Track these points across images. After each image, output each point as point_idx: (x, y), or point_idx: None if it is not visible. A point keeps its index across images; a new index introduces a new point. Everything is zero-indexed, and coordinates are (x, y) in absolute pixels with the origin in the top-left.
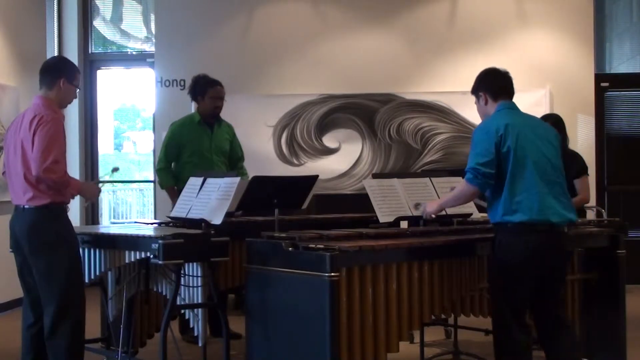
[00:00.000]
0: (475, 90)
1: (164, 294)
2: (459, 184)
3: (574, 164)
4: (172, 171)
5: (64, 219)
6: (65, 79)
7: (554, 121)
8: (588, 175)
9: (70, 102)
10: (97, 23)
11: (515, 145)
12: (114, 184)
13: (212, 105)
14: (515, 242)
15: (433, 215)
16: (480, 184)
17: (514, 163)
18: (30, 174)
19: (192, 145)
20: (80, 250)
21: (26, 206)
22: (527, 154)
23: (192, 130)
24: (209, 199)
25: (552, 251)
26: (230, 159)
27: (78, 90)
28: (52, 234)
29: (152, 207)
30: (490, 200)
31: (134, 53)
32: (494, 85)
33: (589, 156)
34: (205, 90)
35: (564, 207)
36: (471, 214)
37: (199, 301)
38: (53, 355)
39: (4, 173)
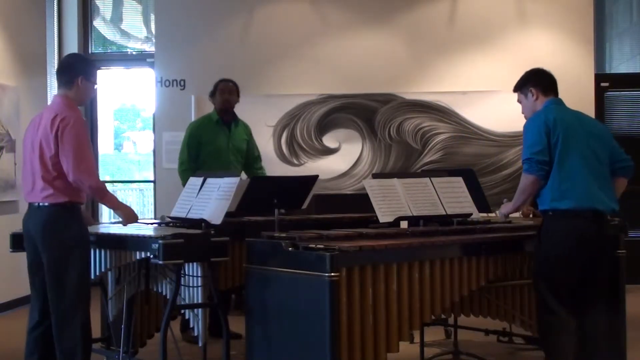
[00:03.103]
0: (522, 87)
1: (164, 294)
2: (521, 178)
3: None
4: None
5: (79, 219)
6: (84, 77)
7: None
8: None
9: (89, 99)
10: (97, 23)
11: (563, 138)
12: (114, 184)
13: (221, 99)
14: (561, 227)
15: (506, 217)
16: (536, 171)
17: (560, 153)
18: (47, 173)
19: (210, 144)
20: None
21: (41, 204)
22: (574, 146)
23: (210, 130)
24: (209, 199)
25: (597, 237)
26: (247, 159)
27: (96, 86)
28: (66, 233)
29: (152, 207)
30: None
31: (134, 53)
32: (545, 81)
33: None
34: (217, 86)
35: (609, 198)
36: (471, 214)
37: (199, 301)
38: (62, 355)
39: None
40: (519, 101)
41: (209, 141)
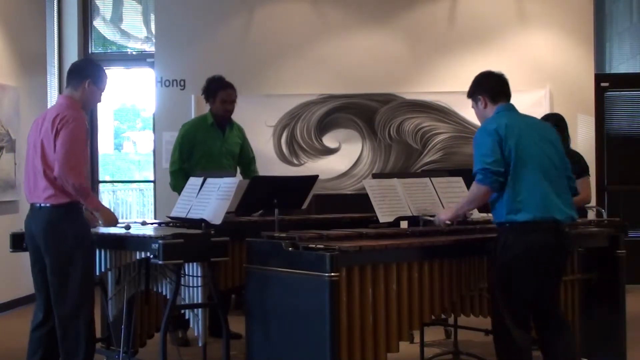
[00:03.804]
0: (472, 94)
1: (164, 294)
2: (471, 187)
3: (575, 165)
4: (185, 173)
5: (81, 219)
6: (91, 81)
7: (555, 121)
8: (589, 175)
9: (94, 105)
10: (97, 23)
11: (516, 145)
12: (114, 184)
13: (222, 108)
14: (520, 241)
15: (448, 222)
16: (490, 182)
17: (515, 162)
18: (50, 172)
19: (203, 147)
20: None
21: (43, 204)
22: (529, 154)
23: (204, 132)
24: (209, 199)
25: (556, 250)
26: (242, 161)
27: (103, 93)
28: (69, 234)
29: (152, 207)
30: (493, 201)
31: (134, 53)
32: (492, 87)
33: (589, 156)
34: (216, 92)
35: (566, 205)
36: (471, 214)
37: (199, 301)
38: (64, 354)
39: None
40: (472, 107)
41: (203, 143)
